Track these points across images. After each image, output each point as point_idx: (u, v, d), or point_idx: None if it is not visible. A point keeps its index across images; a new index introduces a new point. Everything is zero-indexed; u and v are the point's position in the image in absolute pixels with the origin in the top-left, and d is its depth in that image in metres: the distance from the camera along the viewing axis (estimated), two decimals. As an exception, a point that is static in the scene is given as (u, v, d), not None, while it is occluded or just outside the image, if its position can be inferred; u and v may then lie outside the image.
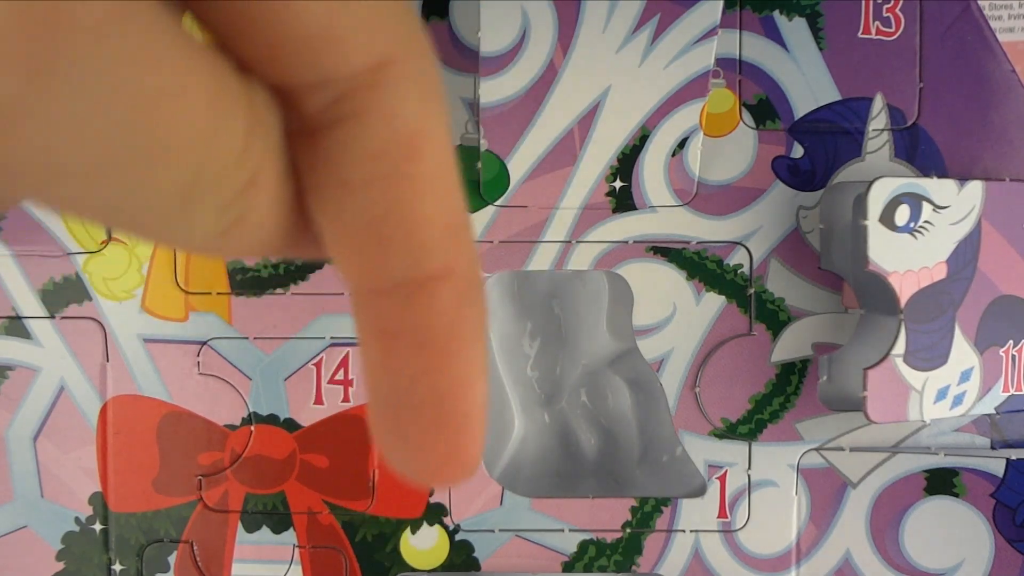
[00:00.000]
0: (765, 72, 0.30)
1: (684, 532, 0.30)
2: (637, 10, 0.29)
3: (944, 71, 0.30)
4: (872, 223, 0.28)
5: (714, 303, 0.30)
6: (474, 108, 0.30)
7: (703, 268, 0.30)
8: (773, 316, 0.30)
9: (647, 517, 0.30)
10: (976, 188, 0.29)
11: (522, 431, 0.34)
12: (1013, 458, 0.30)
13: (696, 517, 0.30)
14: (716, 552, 0.30)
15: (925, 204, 0.28)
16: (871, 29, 0.30)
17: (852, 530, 0.30)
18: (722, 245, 0.30)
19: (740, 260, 0.30)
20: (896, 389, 0.28)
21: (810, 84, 0.30)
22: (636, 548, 0.30)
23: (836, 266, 0.30)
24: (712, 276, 0.30)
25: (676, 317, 0.30)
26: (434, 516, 0.30)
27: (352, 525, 0.30)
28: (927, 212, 0.28)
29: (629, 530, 0.30)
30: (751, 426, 0.30)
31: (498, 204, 0.30)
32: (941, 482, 0.30)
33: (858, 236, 0.28)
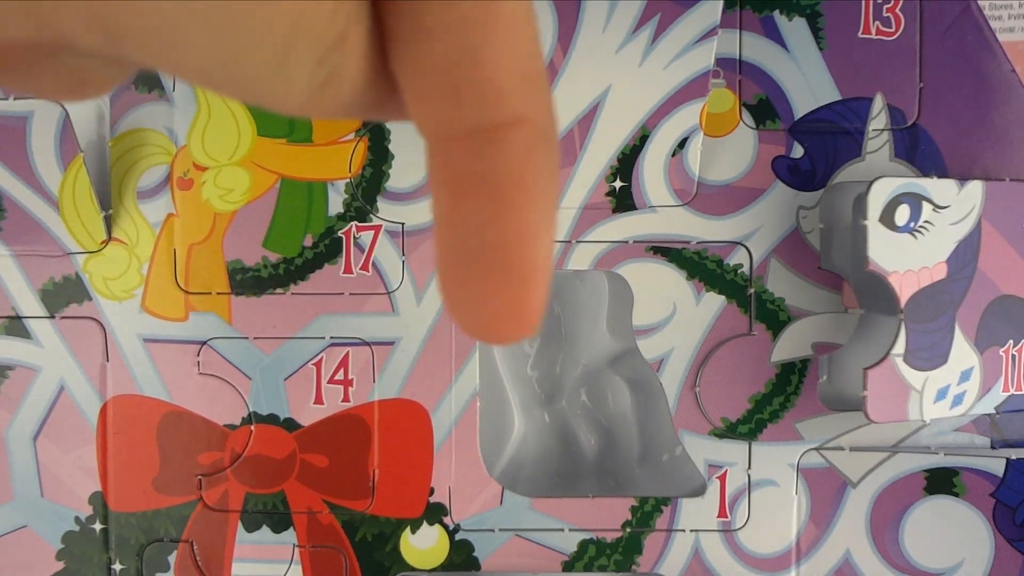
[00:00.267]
0: (765, 72, 0.30)
1: (684, 532, 0.30)
2: (637, 10, 0.29)
3: (944, 71, 0.30)
4: (872, 223, 0.28)
5: (714, 303, 0.30)
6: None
7: (703, 268, 0.30)
8: (773, 316, 0.30)
9: (647, 517, 0.30)
10: (976, 188, 0.29)
11: (522, 431, 0.34)
12: (1013, 458, 0.30)
13: (696, 517, 0.30)
14: (716, 552, 0.30)
15: (925, 204, 0.28)
16: (871, 29, 0.30)
17: (852, 530, 0.30)
18: (722, 245, 0.30)
19: (740, 260, 0.30)
20: (896, 389, 0.28)
21: (810, 84, 0.30)
22: (636, 548, 0.30)
23: (836, 266, 0.30)
24: (712, 276, 0.30)
25: (676, 317, 0.30)
26: (434, 516, 0.30)
27: (352, 525, 0.30)
28: (927, 212, 0.28)
29: (629, 530, 0.30)
30: (751, 426, 0.30)
31: (498, 204, 0.30)
32: (941, 482, 0.30)
33: (858, 236, 0.28)
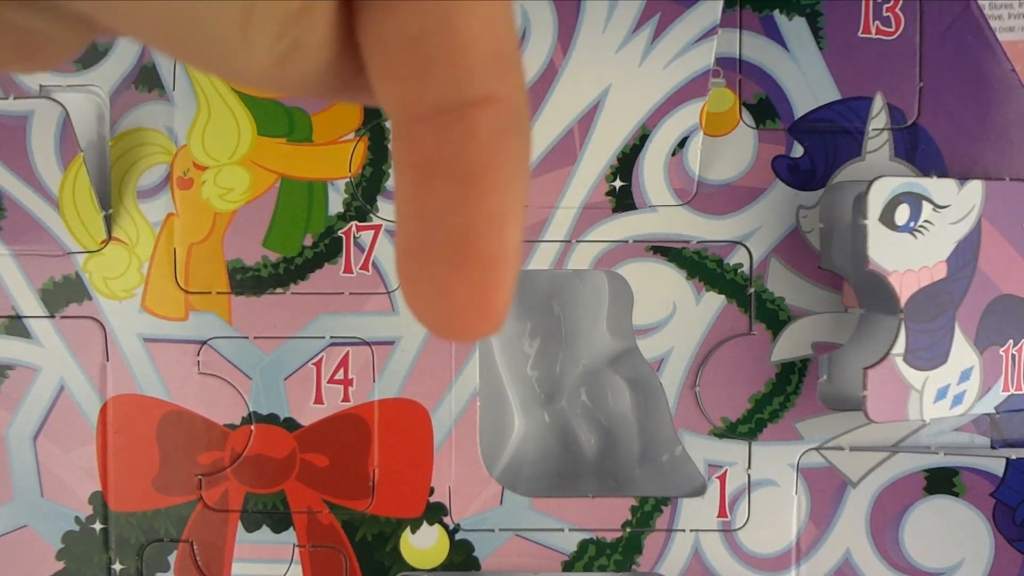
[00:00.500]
0: (765, 71, 0.30)
1: (684, 531, 0.30)
2: (637, 10, 0.29)
3: (944, 71, 0.30)
4: (872, 222, 0.28)
5: (714, 302, 0.30)
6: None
7: (703, 267, 0.30)
8: (773, 315, 0.30)
9: (647, 516, 0.30)
10: (976, 188, 0.29)
11: (522, 431, 0.34)
12: (1013, 457, 0.30)
13: (696, 516, 0.30)
14: (716, 551, 0.30)
15: (925, 203, 0.28)
16: (871, 29, 0.30)
17: (852, 529, 0.30)
18: (722, 244, 0.30)
19: (740, 259, 0.30)
20: (896, 388, 0.28)
21: (810, 83, 0.30)
22: (636, 547, 0.30)
23: (836, 266, 0.30)
24: (712, 275, 0.30)
25: (676, 317, 0.30)
26: (434, 515, 0.30)
27: (352, 524, 0.30)
28: (927, 211, 0.28)
29: (629, 529, 0.30)
30: (751, 425, 0.30)
31: (498, 203, 0.30)
32: (941, 481, 0.30)
33: (858, 235, 0.28)
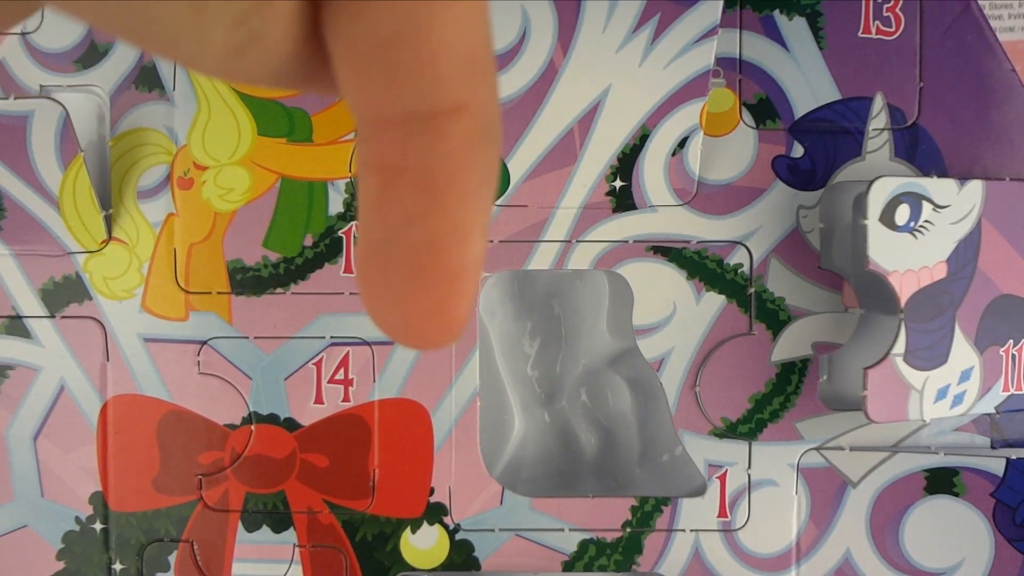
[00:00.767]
0: (765, 72, 0.30)
1: (684, 531, 0.30)
2: (637, 10, 0.29)
3: (944, 71, 0.30)
4: (872, 222, 0.28)
5: (714, 303, 0.30)
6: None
7: (703, 268, 0.30)
8: (773, 316, 0.30)
9: (647, 516, 0.30)
10: (976, 188, 0.29)
11: (522, 431, 0.34)
12: (1013, 457, 0.30)
13: (696, 517, 0.30)
14: (716, 551, 0.30)
15: (925, 203, 0.28)
16: (871, 29, 0.30)
17: (852, 529, 0.30)
18: (722, 245, 0.30)
19: (740, 260, 0.30)
20: (896, 388, 0.28)
21: (810, 83, 0.30)
22: (636, 547, 0.30)
23: (836, 266, 0.30)
24: (712, 275, 0.30)
25: (676, 317, 0.30)
26: (434, 515, 0.30)
27: (352, 524, 0.30)
28: (927, 211, 0.28)
29: (629, 529, 0.30)
30: (751, 425, 0.30)
31: (498, 203, 0.30)
32: (941, 481, 0.30)
33: (858, 235, 0.28)
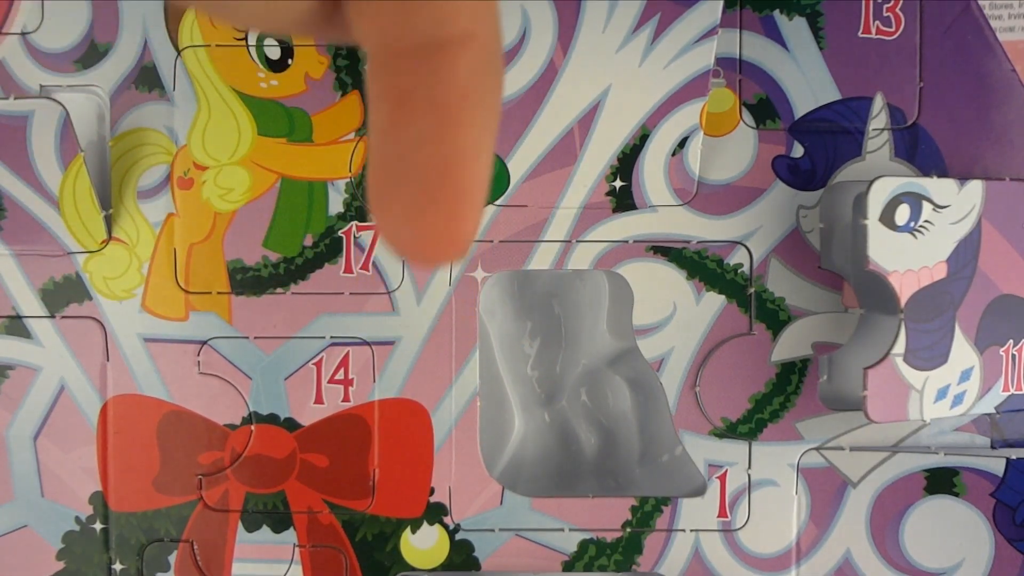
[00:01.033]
0: (765, 72, 0.30)
1: (684, 532, 0.30)
2: (637, 10, 0.29)
3: (944, 71, 0.30)
4: (872, 222, 0.28)
5: (714, 302, 0.30)
6: (474, 108, 0.30)
7: (703, 268, 0.30)
8: (773, 316, 0.30)
9: (647, 517, 0.30)
10: (976, 187, 0.29)
11: (522, 431, 0.34)
12: (1013, 457, 0.30)
13: (696, 517, 0.30)
14: (716, 551, 0.30)
15: (925, 203, 0.28)
16: (871, 29, 0.30)
17: (852, 529, 0.30)
18: (722, 245, 0.30)
19: (740, 260, 0.30)
20: (896, 388, 0.28)
21: (810, 83, 0.30)
22: (636, 548, 0.30)
23: (836, 266, 0.30)
24: (712, 275, 0.30)
25: (676, 317, 0.30)
26: (434, 515, 0.30)
27: (352, 524, 0.30)
28: (927, 211, 0.28)
29: (629, 529, 0.30)
30: (751, 425, 0.30)
31: (498, 204, 0.30)
32: (941, 481, 0.30)
33: (858, 235, 0.28)
